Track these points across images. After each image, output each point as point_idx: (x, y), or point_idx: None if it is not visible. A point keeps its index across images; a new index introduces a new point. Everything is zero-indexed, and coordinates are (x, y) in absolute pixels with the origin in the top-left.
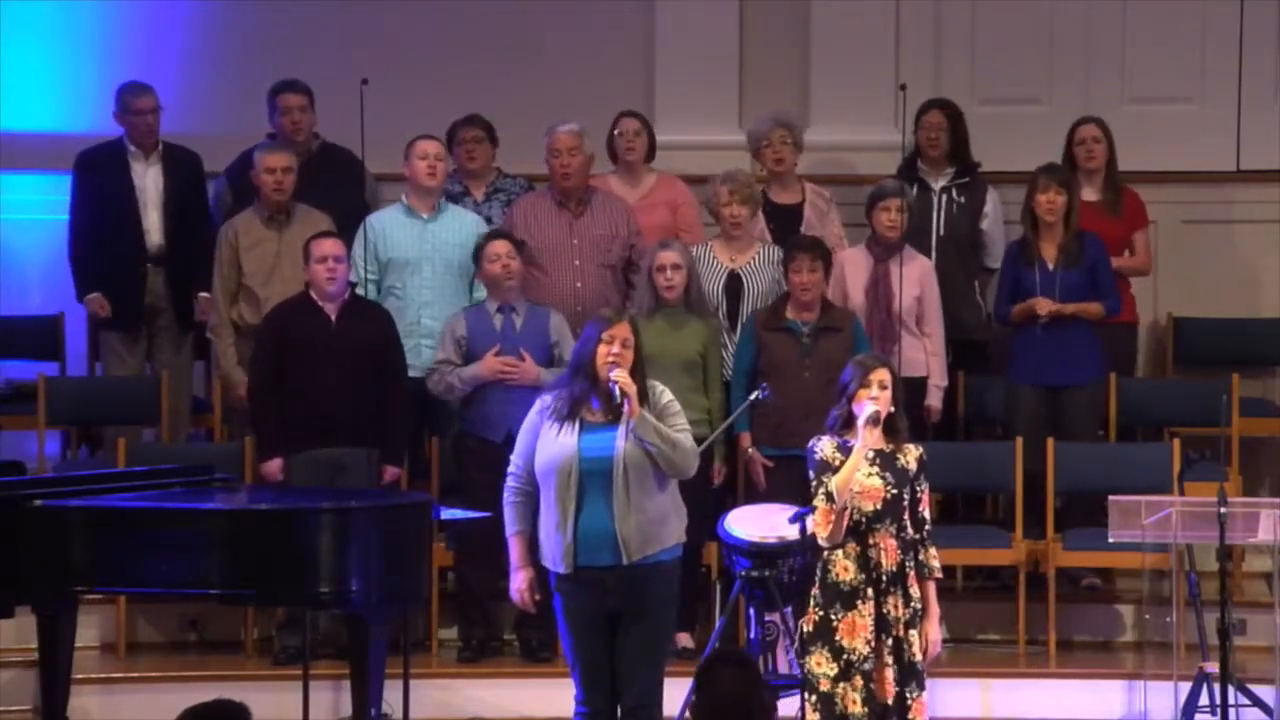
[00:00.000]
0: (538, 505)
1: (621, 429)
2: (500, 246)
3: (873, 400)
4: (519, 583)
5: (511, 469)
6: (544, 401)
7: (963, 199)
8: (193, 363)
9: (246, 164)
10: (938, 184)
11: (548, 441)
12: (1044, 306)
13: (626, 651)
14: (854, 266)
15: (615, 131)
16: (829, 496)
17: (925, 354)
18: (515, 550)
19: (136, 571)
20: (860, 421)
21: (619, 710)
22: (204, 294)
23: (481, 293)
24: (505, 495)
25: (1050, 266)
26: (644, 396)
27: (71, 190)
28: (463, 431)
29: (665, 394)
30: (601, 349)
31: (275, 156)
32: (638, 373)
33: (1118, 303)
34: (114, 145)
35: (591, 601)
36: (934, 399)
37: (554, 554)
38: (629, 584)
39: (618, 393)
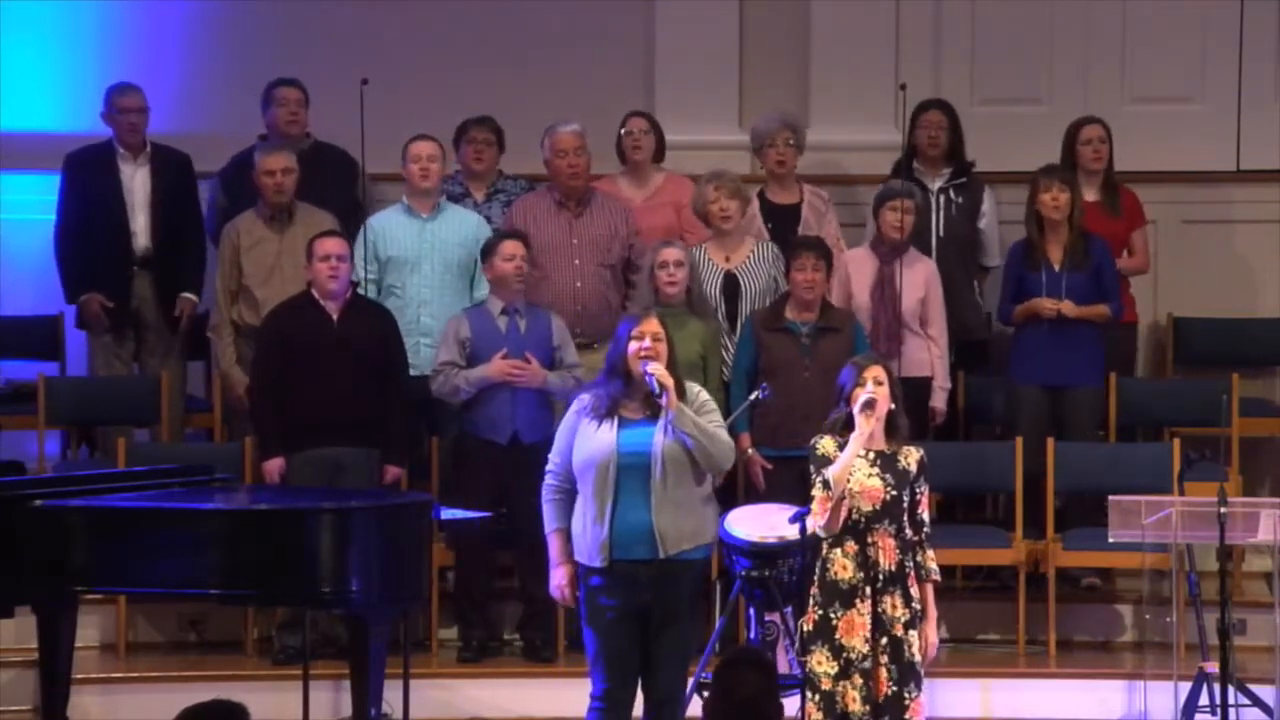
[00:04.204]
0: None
1: (660, 424)
2: (515, 246)
3: (870, 392)
4: (559, 579)
5: (550, 467)
6: (581, 401)
7: (960, 199)
8: (184, 364)
9: (239, 166)
10: (935, 184)
11: (586, 438)
12: (1049, 307)
13: (658, 648)
14: (858, 267)
15: (623, 130)
16: (826, 484)
17: (930, 355)
18: (555, 547)
19: (136, 571)
20: (855, 409)
21: (644, 704)
22: (186, 294)
23: (481, 291)
24: (544, 493)
25: (1056, 268)
26: (681, 391)
27: (60, 191)
28: (464, 432)
29: (703, 393)
30: (632, 345)
31: (275, 158)
32: (673, 367)
33: (1121, 304)
34: (103, 146)
35: (625, 596)
36: (938, 400)
37: (590, 548)
38: (663, 579)
39: (655, 385)
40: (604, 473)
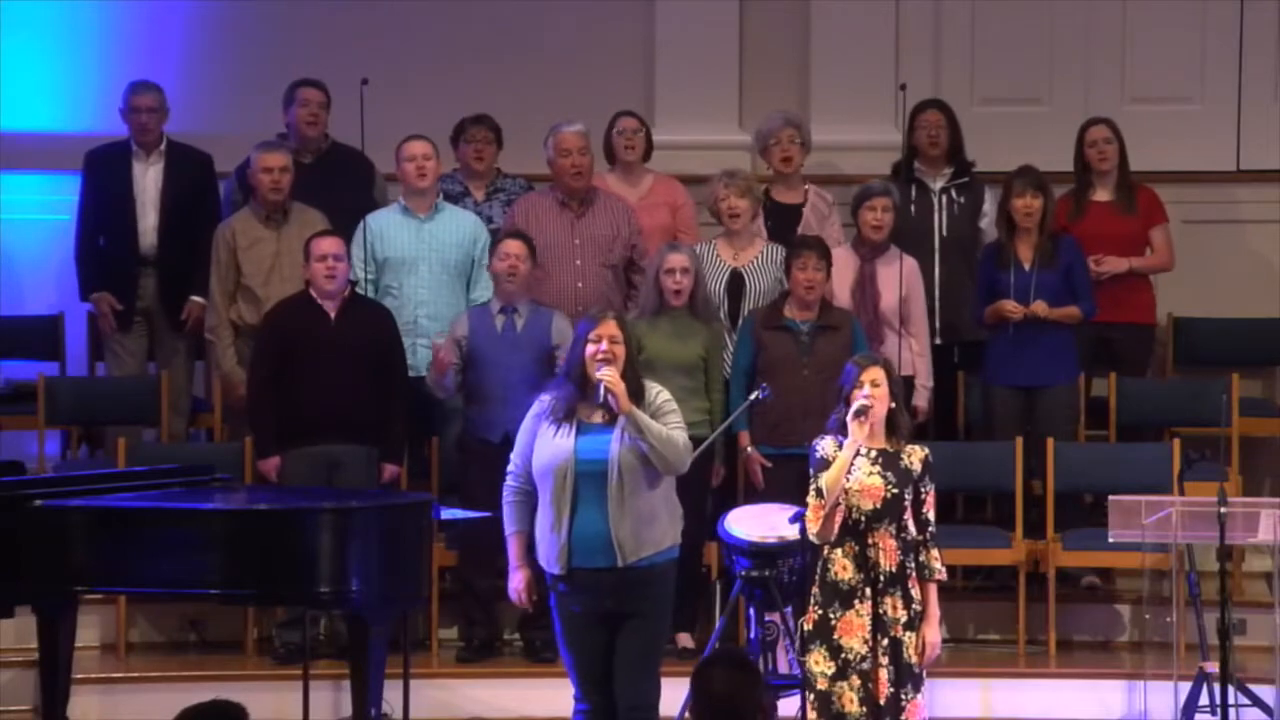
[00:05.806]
0: (537, 505)
1: (617, 431)
2: (514, 246)
3: (864, 398)
4: (517, 582)
5: (510, 469)
6: (542, 403)
7: (962, 199)
8: (191, 364)
9: None
10: (937, 184)
11: (545, 442)
12: (1011, 310)
13: (623, 653)
14: (839, 266)
15: (615, 130)
16: (819, 492)
17: (911, 354)
18: (513, 549)
19: (136, 571)
20: (849, 416)
21: (617, 709)
22: (196, 298)
23: (477, 293)
24: (504, 495)
25: (1026, 268)
26: (639, 394)
27: (80, 189)
28: (465, 432)
29: (662, 394)
30: (589, 348)
31: (272, 156)
32: (630, 370)
33: (1093, 305)
34: (121, 145)
35: (586, 602)
36: (920, 399)
37: (549, 554)
38: (624, 586)
39: (602, 392)
40: (562, 479)
